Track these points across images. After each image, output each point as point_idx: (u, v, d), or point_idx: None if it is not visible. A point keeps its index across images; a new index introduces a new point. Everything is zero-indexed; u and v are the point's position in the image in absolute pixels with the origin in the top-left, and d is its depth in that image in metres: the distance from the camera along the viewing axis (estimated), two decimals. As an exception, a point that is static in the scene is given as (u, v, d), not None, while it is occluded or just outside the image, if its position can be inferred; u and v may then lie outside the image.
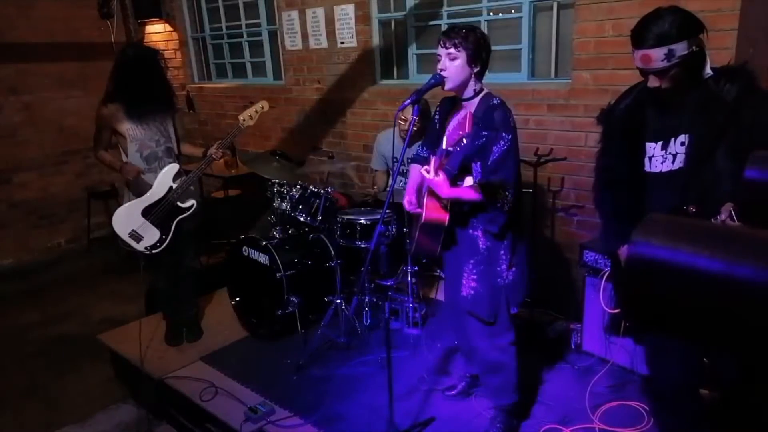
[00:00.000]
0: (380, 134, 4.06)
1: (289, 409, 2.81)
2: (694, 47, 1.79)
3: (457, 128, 2.11)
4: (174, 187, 3.19)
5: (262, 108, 3.29)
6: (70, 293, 4.98)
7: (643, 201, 2.05)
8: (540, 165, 3.23)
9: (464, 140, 2.11)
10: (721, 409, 2.60)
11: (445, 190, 2.20)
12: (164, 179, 3.19)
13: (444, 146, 2.11)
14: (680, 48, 1.77)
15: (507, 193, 2.23)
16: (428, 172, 2.20)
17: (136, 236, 3.19)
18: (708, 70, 1.88)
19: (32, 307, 4.76)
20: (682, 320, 0.55)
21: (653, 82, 1.87)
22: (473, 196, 2.23)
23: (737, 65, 1.92)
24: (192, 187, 3.29)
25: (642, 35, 1.81)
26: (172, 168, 3.22)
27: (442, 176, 2.19)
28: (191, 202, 3.29)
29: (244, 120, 3.26)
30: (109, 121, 3.14)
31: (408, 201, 2.50)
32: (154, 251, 3.22)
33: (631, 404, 2.71)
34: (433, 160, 2.24)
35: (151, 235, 3.20)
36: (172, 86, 3.38)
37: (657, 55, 1.79)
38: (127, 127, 3.14)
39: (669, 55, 1.77)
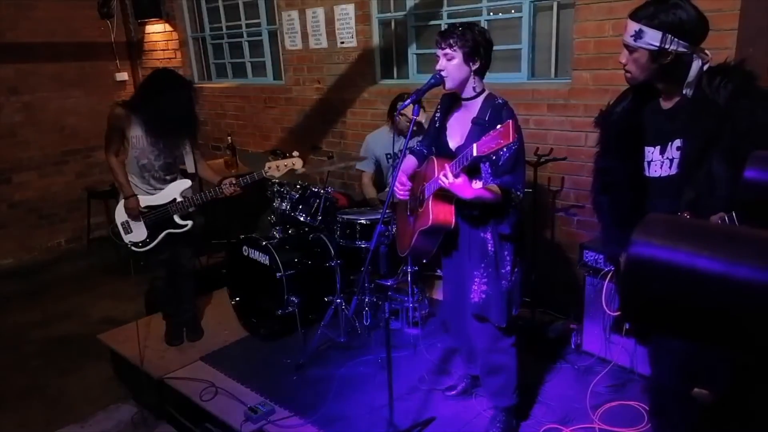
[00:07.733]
0: (370, 136, 4.06)
1: (289, 409, 2.82)
2: (670, 47, 1.69)
3: (491, 141, 1.95)
4: (177, 201, 3.23)
5: (294, 165, 3.16)
6: (70, 293, 4.98)
7: (644, 206, 1.98)
8: (540, 165, 3.23)
9: (504, 149, 2.08)
10: (718, 410, 2.59)
11: (469, 192, 2.13)
12: (173, 189, 3.26)
13: (474, 153, 1.99)
14: (651, 35, 1.69)
15: (519, 193, 2.23)
16: (446, 177, 2.10)
17: (127, 228, 3.25)
18: (690, 79, 1.76)
19: (32, 307, 4.76)
20: (682, 320, 0.55)
21: (621, 57, 1.81)
22: (492, 196, 2.20)
23: (733, 63, 1.81)
24: (192, 209, 3.30)
25: (641, 6, 1.75)
26: (184, 183, 3.28)
27: (462, 178, 2.11)
28: (188, 222, 3.30)
29: (269, 168, 3.11)
30: (121, 122, 3.13)
31: (400, 183, 2.41)
32: (135, 249, 3.26)
33: (631, 404, 2.71)
34: (448, 165, 2.14)
35: (139, 233, 3.26)
36: (197, 120, 3.31)
37: (630, 28, 1.73)
38: (135, 134, 3.14)
39: (637, 35, 1.71)
